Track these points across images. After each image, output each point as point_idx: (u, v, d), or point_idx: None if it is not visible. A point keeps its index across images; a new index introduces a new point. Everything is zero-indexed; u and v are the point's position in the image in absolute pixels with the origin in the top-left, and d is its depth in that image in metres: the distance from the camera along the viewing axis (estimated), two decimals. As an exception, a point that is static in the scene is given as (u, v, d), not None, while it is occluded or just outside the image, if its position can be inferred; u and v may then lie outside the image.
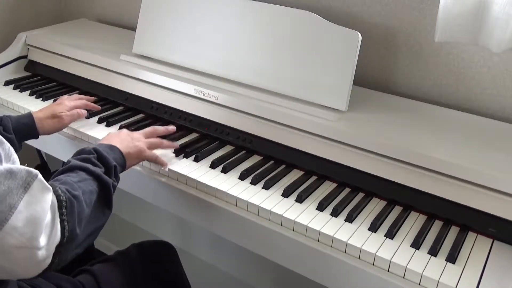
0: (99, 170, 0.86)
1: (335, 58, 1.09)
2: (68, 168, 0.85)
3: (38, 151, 1.63)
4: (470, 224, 0.91)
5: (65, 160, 0.89)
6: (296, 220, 0.92)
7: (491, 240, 0.89)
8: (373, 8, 1.24)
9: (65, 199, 0.72)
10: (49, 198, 0.70)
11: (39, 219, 0.67)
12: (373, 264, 0.85)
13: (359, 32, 1.06)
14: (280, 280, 1.64)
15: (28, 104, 1.36)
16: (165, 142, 1.11)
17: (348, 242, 0.87)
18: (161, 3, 1.33)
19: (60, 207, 0.72)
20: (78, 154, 0.91)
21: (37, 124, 1.12)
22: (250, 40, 1.19)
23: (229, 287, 1.78)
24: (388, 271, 0.83)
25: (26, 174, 0.68)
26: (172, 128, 1.18)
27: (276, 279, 1.65)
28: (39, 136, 1.14)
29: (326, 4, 1.30)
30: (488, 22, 0.99)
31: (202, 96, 1.21)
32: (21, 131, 1.10)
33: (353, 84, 1.08)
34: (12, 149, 0.71)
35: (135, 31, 1.38)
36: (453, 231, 0.91)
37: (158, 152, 1.09)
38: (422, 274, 0.80)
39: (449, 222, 0.93)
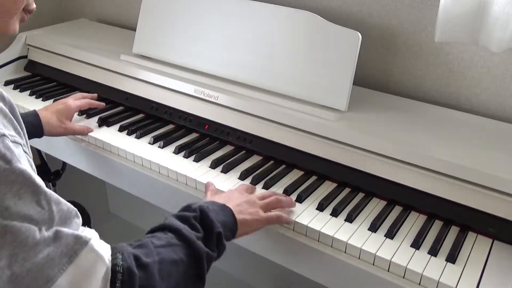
0: (195, 235, 0.71)
1: (335, 58, 1.09)
2: (160, 227, 0.73)
3: (38, 151, 1.63)
4: (470, 224, 0.91)
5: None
6: (296, 220, 0.92)
7: (491, 240, 0.89)
8: (373, 8, 1.24)
9: (121, 270, 0.60)
10: (102, 269, 0.59)
11: None
12: (373, 264, 0.85)
13: (359, 32, 1.06)
14: (280, 280, 1.64)
15: (28, 104, 1.36)
16: (283, 200, 0.93)
17: (348, 242, 0.87)
18: (161, 3, 1.33)
19: (113, 280, 0.59)
20: (183, 209, 0.78)
21: (43, 124, 1.11)
22: (250, 40, 1.19)
23: (229, 287, 1.78)
24: (388, 271, 0.83)
25: (73, 241, 0.57)
26: (289, 201, 0.94)
27: (276, 279, 1.65)
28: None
29: (326, 4, 1.30)
30: (488, 22, 0.99)
31: (202, 96, 1.21)
32: (26, 129, 1.08)
33: (353, 84, 1.08)
34: (75, 211, 0.61)
35: (135, 31, 1.38)
36: (453, 231, 0.91)
37: None
38: (422, 274, 0.80)
39: (449, 222, 0.93)
